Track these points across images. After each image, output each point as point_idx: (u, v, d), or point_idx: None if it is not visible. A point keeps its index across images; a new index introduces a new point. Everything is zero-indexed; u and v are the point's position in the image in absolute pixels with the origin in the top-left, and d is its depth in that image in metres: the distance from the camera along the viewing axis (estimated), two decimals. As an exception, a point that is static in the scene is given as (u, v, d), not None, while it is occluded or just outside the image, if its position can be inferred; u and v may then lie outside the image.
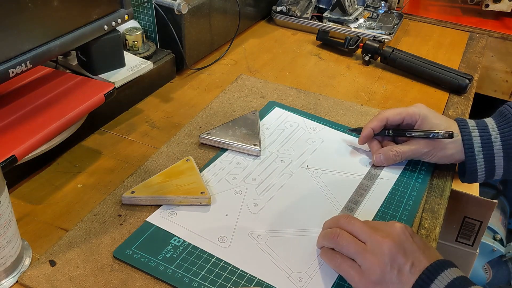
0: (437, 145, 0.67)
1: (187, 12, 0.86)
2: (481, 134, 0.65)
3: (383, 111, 0.71)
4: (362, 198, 0.65)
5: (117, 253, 0.56)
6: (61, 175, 0.68)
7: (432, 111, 0.70)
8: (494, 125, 0.66)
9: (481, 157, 0.65)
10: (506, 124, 0.65)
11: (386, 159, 0.70)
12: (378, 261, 0.50)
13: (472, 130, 0.66)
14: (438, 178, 0.71)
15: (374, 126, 0.70)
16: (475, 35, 1.17)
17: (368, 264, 0.50)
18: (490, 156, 0.65)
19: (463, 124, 0.67)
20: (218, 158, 0.71)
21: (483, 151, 0.65)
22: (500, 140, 0.64)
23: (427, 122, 0.68)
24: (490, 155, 0.65)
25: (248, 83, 0.90)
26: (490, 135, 0.65)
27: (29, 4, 0.59)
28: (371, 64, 1.02)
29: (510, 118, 0.65)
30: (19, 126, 0.61)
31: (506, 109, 0.66)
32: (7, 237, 0.50)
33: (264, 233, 0.59)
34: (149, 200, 0.62)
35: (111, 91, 0.69)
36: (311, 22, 1.12)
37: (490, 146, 0.65)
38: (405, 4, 1.29)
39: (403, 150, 0.69)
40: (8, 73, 0.58)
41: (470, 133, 0.66)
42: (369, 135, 0.71)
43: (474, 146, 0.65)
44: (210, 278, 0.54)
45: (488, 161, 0.65)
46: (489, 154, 0.65)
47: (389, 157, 0.69)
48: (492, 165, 0.65)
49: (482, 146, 0.65)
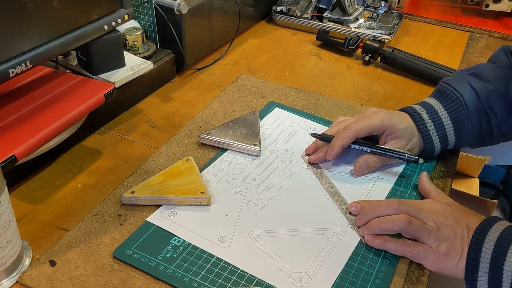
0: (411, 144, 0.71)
1: (187, 12, 0.86)
2: (431, 117, 0.71)
3: (351, 125, 0.69)
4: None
5: (117, 253, 0.56)
6: (61, 175, 0.68)
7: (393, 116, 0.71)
8: (440, 105, 0.71)
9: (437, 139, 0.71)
10: (451, 103, 0.70)
11: (368, 167, 0.70)
12: (445, 236, 0.56)
13: (423, 116, 0.71)
14: (438, 178, 0.71)
15: (345, 144, 0.69)
16: (475, 35, 1.17)
17: (438, 241, 0.56)
18: (443, 135, 0.71)
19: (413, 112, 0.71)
20: (218, 158, 0.71)
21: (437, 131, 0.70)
22: (450, 119, 0.70)
23: (395, 130, 0.70)
24: (443, 135, 0.71)
25: (248, 83, 0.90)
26: (439, 115, 0.71)
27: (29, 4, 0.59)
28: (371, 64, 1.02)
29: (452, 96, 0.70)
30: (19, 126, 0.61)
31: (445, 87, 0.72)
32: (7, 237, 0.50)
33: (264, 233, 0.59)
34: (149, 200, 0.62)
35: (111, 91, 0.69)
36: (311, 22, 1.12)
37: (441, 126, 0.70)
38: (405, 4, 1.29)
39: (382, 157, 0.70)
40: (8, 73, 0.58)
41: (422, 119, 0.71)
42: (339, 152, 0.69)
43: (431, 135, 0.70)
44: (210, 278, 0.54)
45: (443, 140, 0.71)
46: (443, 134, 0.71)
47: (371, 165, 0.70)
48: (445, 142, 0.71)
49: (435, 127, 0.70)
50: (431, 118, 0.71)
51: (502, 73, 0.71)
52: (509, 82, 0.70)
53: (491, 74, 0.71)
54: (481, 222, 0.56)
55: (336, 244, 0.59)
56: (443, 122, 0.70)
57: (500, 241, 0.54)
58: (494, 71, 0.71)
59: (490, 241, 0.54)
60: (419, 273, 0.56)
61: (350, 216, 0.62)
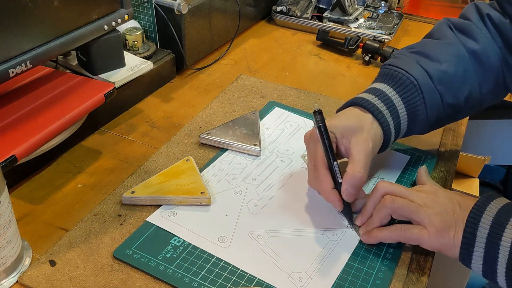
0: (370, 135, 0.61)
1: (187, 12, 0.86)
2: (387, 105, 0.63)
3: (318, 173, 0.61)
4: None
5: (117, 253, 0.56)
6: (61, 175, 0.68)
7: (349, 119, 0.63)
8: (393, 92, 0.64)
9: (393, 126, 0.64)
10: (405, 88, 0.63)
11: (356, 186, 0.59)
12: (435, 210, 0.55)
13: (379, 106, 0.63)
14: (438, 178, 0.71)
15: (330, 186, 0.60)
16: (475, 35, 1.17)
17: (428, 217, 0.55)
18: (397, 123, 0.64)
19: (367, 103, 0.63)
20: (218, 158, 0.71)
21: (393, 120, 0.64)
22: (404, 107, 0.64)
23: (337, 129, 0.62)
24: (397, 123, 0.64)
25: (248, 83, 0.90)
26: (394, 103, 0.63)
27: (29, 4, 0.59)
28: (371, 64, 1.02)
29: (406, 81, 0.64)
30: (19, 126, 0.61)
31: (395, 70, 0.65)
32: (7, 237, 0.50)
33: (264, 233, 0.59)
34: (149, 200, 0.62)
35: (111, 91, 0.69)
36: (311, 22, 1.12)
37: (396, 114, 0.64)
38: (405, 4, 1.29)
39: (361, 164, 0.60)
40: (8, 73, 0.58)
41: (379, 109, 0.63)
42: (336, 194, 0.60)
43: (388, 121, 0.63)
44: (210, 278, 0.54)
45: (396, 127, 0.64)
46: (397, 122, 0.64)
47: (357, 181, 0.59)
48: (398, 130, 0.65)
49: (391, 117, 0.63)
50: (386, 106, 0.63)
51: (450, 51, 0.65)
52: (459, 60, 0.65)
53: (440, 53, 0.65)
54: (480, 198, 0.54)
55: (336, 244, 0.59)
56: (397, 108, 0.63)
57: (499, 216, 0.52)
58: (442, 49, 0.66)
59: (489, 216, 0.52)
60: (419, 273, 0.56)
61: None
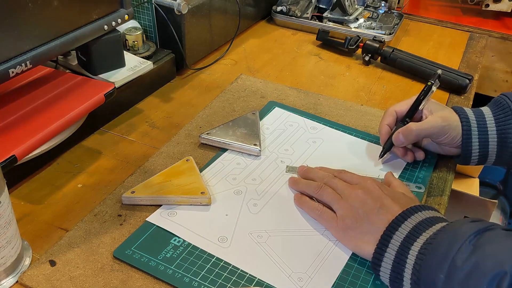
0: (451, 122, 0.68)
1: (187, 12, 0.86)
2: (477, 120, 0.68)
3: (389, 107, 0.74)
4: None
5: (117, 253, 0.56)
6: (61, 175, 0.68)
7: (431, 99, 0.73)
8: (490, 113, 0.69)
9: (477, 141, 0.68)
10: (501, 111, 0.68)
11: (406, 138, 0.69)
12: (350, 207, 0.58)
13: (469, 115, 0.69)
14: (438, 178, 0.71)
15: (388, 122, 0.72)
16: (475, 35, 1.17)
17: (342, 210, 0.59)
18: (485, 141, 0.68)
19: (461, 111, 0.70)
20: (218, 158, 0.71)
21: (479, 135, 0.68)
22: (495, 127, 0.67)
23: (431, 105, 0.71)
24: (484, 140, 0.68)
25: (248, 83, 0.90)
26: (486, 121, 0.68)
27: (29, 4, 0.59)
28: (371, 64, 1.02)
29: (504, 106, 0.68)
30: (19, 126, 0.61)
31: (502, 98, 0.69)
32: (7, 237, 0.50)
33: (264, 233, 0.59)
34: (149, 200, 0.62)
35: (111, 91, 0.69)
36: (311, 22, 1.12)
37: (485, 131, 0.68)
38: (405, 4, 1.29)
39: (423, 126, 0.69)
40: (8, 73, 0.58)
41: (468, 117, 0.69)
42: (387, 131, 0.72)
43: (471, 129, 0.68)
44: (210, 278, 0.54)
45: (483, 145, 0.68)
46: (484, 139, 0.68)
47: (409, 136, 0.69)
48: (486, 149, 0.68)
49: (478, 130, 0.68)
50: (476, 118, 0.68)
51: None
52: None
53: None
54: (409, 208, 0.55)
55: (336, 244, 0.59)
56: (487, 124, 0.68)
57: (419, 225, 0.53)
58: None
59: (410, 224, 0.53)
60: (419, 273, 0.56)
61: None
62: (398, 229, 0.53)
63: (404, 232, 0.53)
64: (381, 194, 0.59)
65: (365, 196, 0.58)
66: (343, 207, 0.59)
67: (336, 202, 0.60)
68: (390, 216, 0.55)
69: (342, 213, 0.59)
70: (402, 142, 0.70)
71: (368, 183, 0.61)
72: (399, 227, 0.54)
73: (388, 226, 0.54)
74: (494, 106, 0.70)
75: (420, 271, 0.49)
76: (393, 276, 0.52)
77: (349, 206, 0.58)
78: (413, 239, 0.52)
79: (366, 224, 0.56)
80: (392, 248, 0.53)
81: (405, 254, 0.51)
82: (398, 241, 0.53)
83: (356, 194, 0.59)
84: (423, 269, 0.49)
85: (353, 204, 0.58)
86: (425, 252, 0.50)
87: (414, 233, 0.52)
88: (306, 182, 0.65)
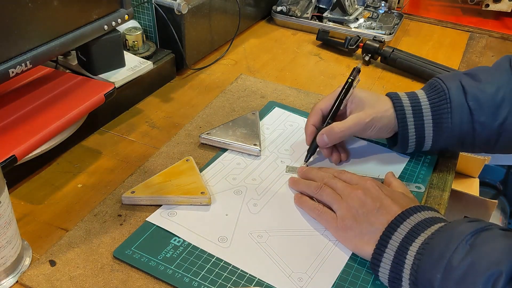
0: (375, 115, 0.68)
1: (187, 12, 0.86)
2: (412, 104, 0.68)
3: (315, 105, 0.72)
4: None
5: (117, 253, 0.56)
6: (61, 175, 0.68)
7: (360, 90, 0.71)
8: (424, 96, 0.68)
9: (412, 126, 0.68)
10: (435, 94, 0.67)
11: (330, 138, 0.68)
12: (350, 207, 0.58)
13: (404, 101, 0.68)
14: (438, 178, 0.71)
15: (313, 122, 0.71)
16: (475, 35, 1.17)
17: (342, 211, 0.59)
18: (420, 126, 0.67)
19: (395, 96, 0.69)
20: (218, 158, 0.71)
21: (414, 120, 0.67)
22: (430, 110, 0.67)
23: (355, 97, 0.70)
24: (420, 125, 0.67)
25: (248, 83, 0.90)
26: (421, 104, 0.67)
27: (29, 4, 0.59)
28: (371, 64, 1.02)
29: (439, 88, 0.67)
30: (19, 126, 0.61)
31: (436, 80, 0.69)
32: (7, 237, 0.50)
33: (264, 233, 0.59)
34: (149, 200, 0.62)
35: (111, 91, 0.69)
36: (311, 22, 1.12)
37: (420, 115, 0.67)
38: (405, 4, 1.29)
39: (347, 126, 0.68)
40: (8, 73, 0.58)
41: (402, 103, 0.68)
42: (312, 132, 0.71)
43: (406, 115, 0.67)
44: (210, 278, 0.54)
45: (419, 130, 0.68)
46: (419, 124, 0.67)
47: (334, 136, 0.68)
48: (422, 134, 0.68)
49: (413, 115, 0.67)
50: (411, 103, 0.68)
51: (497, 76, 0.67)
52: (502, 86, 0.66)
53: (485, 76, 0.68)
54: (408, 208, 0.55)
55: (336, 244, 0.59)
56: (422, 109, 0.67)
57: (418, 225, 0.53)
58: (489, 73, 0.69)
59: (409, 224, 0.53)
60: (419, 273, 0.56)
61: None
62: (397, 230, 0.53)
63: (403, 232, 0.53)
64: (381, 194, 0.58)
65: (364, 196, 0.58)
66: (343, 208, 0.59)
67: (336, 202, 0.60)
68: (390, 216, 0.55)
69: (342, 213, 0.59)
70: (326, 143, 0.69)
71: (367, 184, 0.60)
72: (398, 227, 0.54)
73: (387, 226, 0.54)
74: (429, 89, 0.69)
75: (418, 271, 0.49)
76: (392, 277, 0.52)
77: (348, 206, 0.58)
78: (412, 239, 0.52)
79: (365, 224, 0.56)
80: (391, 249, 0.53)
81: (404, 254, 0.51)
82: (397, 241, 0.53)
83: (356, 194, 0.59)
84: (420, 269, 0.49)
85: (352, 204, 0.58)
86: (423, 252, 0.50)
87: (413, 234, 0.52)
88: (306, 182, 0.65)
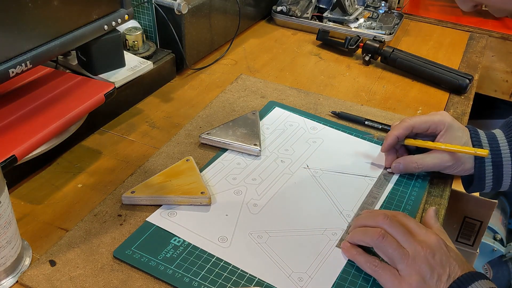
0: (459, 158, 0.66)
1: (187, 12, 0.86)
2: (490, 143, 0.66)
3: (408, 118, 0.69)
4: (362, 199, 0.66)
5: (117, 253, 0.56)
6: (61, 175, 0.68)
7: (455, 121, 0.68)
8: (502, 135, 0.67)
9: (490, 165, 0.65)
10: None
11: (406, 169, 0.68)
12: (420, 269, 0.51)
13: (482, 139, 0.67)
14: (439, 178, 0.71)
15: (399, 135, 0.68)
16: (475, 35, 1.17)
17: (409, 270, 0.52)
18: (499, 164, 0.65)
19: (474, 132, 0.68)
20: (218, 158, 0.71)
21: (492, 159, 0.65)
22: (509, 149, 0.65)
23: (451, 133, 0.66)
24: (498, 163, 0.65)
25: (248, 83, 0.90)
26: (499, 143, 0.65)
27: (29, 4, 0.59)
28: (371, 64, 1.02)
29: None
30: (19, 126, 0.61)
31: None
32: (7, 237, 0.50)
33: (264, 233, 0.59)
34: (149, 200, 0.62)
35: (111, 91, 0.69)
36: (311, 22, 1.12)
37: (498, 154, 0.65)
38: (405, 4, 1.29)
39: (426, 164, 0.67)
40: (8, 73, 0.58)
41: (480, 140, 0.66)
42: (393, 143, 0.69)
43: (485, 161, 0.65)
44: (210, 278, 0.54)
45: (496, 168, 0.65)
46: (497, 162, 0.65)
47: (410, 169, 0.68)
48: (500, 173, 0.65)
49: (491, 154, 0.65)
50: (488, 140, 0.66)
51: None
52: None
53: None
54: (464, 274, 0.51)
55: (336, 244, 0.59)
56: (500, 146, 0.64)
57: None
58: None
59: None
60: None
61: None
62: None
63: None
64: (449, 258, 0.52)
65: (433, 260, 0.52)
66: (411, 268, 0.52)
67: (403, 260, 0.52)
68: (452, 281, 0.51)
69: (409, 273, 0.52)
70: (399, 171, 0.69)
71: (432, 240, 0.53)
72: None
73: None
74: (506, 127, 0.67)
75: None
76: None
77: (418, 269, 0.51)
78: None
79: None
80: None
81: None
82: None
83: (425, 255, 0.52)
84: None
85: (422, 267, 0.51)
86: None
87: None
88: (361, 231, 0.57)
